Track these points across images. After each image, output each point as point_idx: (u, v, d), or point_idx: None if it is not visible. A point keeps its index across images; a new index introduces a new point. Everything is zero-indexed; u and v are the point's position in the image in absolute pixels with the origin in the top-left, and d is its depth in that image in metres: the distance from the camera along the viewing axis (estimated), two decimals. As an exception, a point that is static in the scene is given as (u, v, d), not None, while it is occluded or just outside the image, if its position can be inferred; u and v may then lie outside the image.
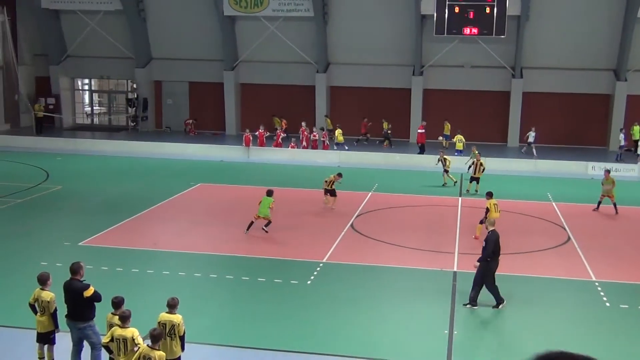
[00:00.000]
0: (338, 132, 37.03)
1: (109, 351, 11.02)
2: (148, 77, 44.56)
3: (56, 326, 12.09)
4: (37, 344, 12.18)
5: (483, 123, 41.11)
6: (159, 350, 10.46)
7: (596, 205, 25.53)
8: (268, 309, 15.30)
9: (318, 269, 18.05)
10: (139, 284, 16.69)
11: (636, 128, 37.60)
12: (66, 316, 11.98)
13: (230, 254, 19.42)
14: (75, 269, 12.08)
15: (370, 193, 27.61)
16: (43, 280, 12.10)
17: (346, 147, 36.73)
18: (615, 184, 25.20)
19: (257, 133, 37.14)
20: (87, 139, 40.14)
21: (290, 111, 42.00)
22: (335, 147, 35.84)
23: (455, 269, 18.25)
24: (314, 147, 36.98)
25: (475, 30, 38.29)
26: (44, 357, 12.21)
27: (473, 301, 15.35)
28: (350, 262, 18.76)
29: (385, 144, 39.02)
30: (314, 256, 19.12)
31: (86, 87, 48.65)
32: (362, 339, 13.85)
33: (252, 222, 21.37)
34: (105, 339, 10.96)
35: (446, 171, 29.24)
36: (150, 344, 10.48)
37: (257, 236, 21.26)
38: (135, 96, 44.64)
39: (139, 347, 10.61)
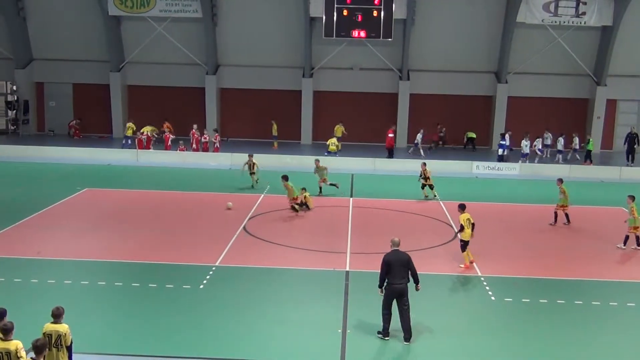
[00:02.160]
0: (331, 140, 36.70)
1: None
2: (29, 78, 42.83)
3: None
4: None
5: (373, 124, 41.89)
6: (43, 360, 10.06)
7: (553, 219, 24.05)
8: (160, 315, 14.97)
9: (211, 272, 17.83)
10: (22, 295, 15.94)
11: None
12: None
13: (120, 260, 18.88)
14: None
15: (263, 195, 27.56)
16: None
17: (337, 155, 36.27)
18: (567, 194, 23.88)
19: (142, 136, 36.59)
20: (-37, 144, 38.14)
21: (180, 113, 41.40)
22: (325, 154, 35.38)
23: (347, 269, 18.47)
24: (205, 149, 36.58)
25: (363, 33, 38.98)
26: None
27: (383, 333, 14.14)
28: (243, 265, 18.64)
29: (274, 145, 39.27)
30: (206, 260, 18.88)
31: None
32: (256, 341, 13.78)
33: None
34: None
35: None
36: (34, 356, 10.04)
37: (148, 241, 20.80)
38: (15, 98, 42.73)
39: None
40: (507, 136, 36.91)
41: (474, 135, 41.30)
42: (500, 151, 36.24)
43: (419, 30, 40.27)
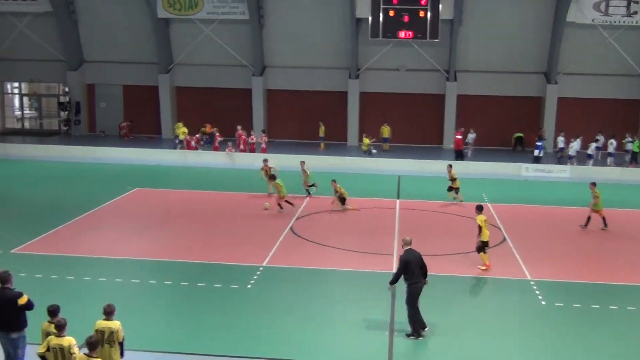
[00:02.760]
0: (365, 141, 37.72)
1: None
2: (80, 80, 43.66)
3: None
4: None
5: (419, 125, 41.68)
6: (97, 357, 10.25)
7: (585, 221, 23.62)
8: (208, 314, 15.14)
9: (258, 272, 17.96)
10: (75, 292, 16.29)
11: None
12: None
13: (169, 259, 19.14)
14: (5, 278, 11.71)
15: (309, 197, 27.63)
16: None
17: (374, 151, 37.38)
18: (599, 197, 23.39)
19: (191, 137, 37.07)
20: (17, 144, 39.02)
21: (227, 114, 41.75)
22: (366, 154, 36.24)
23: (394, 271, 18.39)
24: (252, 150, 36.83)
25: (409, 34, 38.79)
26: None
27: (413, 334, 14.16)
28: (290, 266, 18.73)
29: (321, 146, 39.37)
30: (253, 260, 19.02)
31: (16, 91, 47.31)
32: (303, 342, 13.83)
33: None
34: (41, 349, 10.65)
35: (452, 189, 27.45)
36: (87, 352, 10.25)
37: (197, 241, 21.05)
38: (67, 100, 43.65)
39: (75, 357, 10.38)
40: (546, 137, 36.61)
41: (522, 135, 40.80)
42: (536, 152, 35.80)
43: (466, 30, 39.92)
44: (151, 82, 42.94)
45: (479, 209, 18.88)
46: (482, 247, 18.63)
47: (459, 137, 37.17)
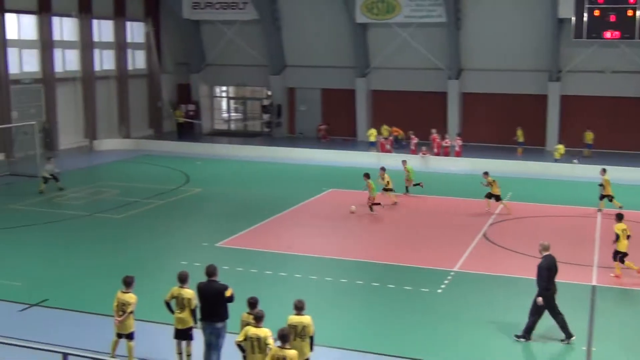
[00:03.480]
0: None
1: (242, 350, 11.35)
2: (282, 84, 45.65)
3: (195, 322, 12.60)
4: (175, 340, 12.70)
5: (625, 131, 39.23)
6: (290, 349, 10.68)
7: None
8: (397, 316, 15.30)
9: (449, 277, 17.85)
10: (271, 286, 17.10)
11: None
12: (203, 318, 12.34)
13: (361, 259, 19.56)
14: (212, 271, 12.50)
15: (504, 201, 26.96)
16: (183, 279, 12.60)
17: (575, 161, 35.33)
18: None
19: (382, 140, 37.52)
20: (224, 144, 41.56)
21: (421, 118, 41.74)
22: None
23: (593, 283, 17.54)
24: (446, 154, 36.58)
25: (616, 34, 36.68)
26: (181, 353, 12.73)
27: (524, 336, 14.02)
28: (482, 272, 18.42)
29: (519, 151, 38.13)
30: (445, 264, 18.92)
31: (224, 94, 50.47)
32: (492, 352, 13.56)
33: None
34: (239, 338, 11.26)
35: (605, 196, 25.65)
36: (279, 344, 10.68)
37: (388, 242, 21.31)
38: (270, 103, 45.85)
39: (269, 347, 10.86)
40: None
41: None
42: None
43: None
44: (348, 86, 43.96)
45: (619, 217, 18.09)
46: (617, 255, 17.76)
47: None
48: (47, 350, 10.19)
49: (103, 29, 42.06)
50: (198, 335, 12.56)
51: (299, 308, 11.58)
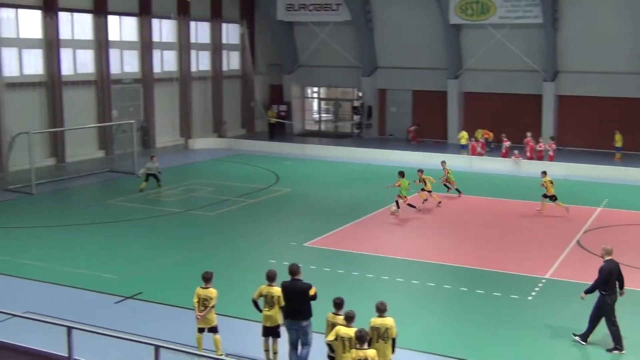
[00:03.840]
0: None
1: (332, 349, 11.44)
2: (373, 85, 45.66)
3: (281, 320, 12.77)
4: (263, 338, 12.91)
5: None
6: (368, 349, 10.67)
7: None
8: (484, 322, 15.07)
9: (540, 284, 17.43)
10: (358, 287, 17.13)
11: None
12: (288, 316, 12.50)
13: (449, 263, 19.35)
14: (296, 270, 12.64)
15: (599, 209, 26.15)
16: (272, 277, 12.80)
17: None
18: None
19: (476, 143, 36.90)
20: (314, 145, 41.91)
21: (514, 121, 40.90)
22: None
23: None
24: (539, 158, 35.70)
25: None
26: (268, 350, 12.93)
27: (583, 337, 13.94)
28: (575, 280, 17.87)
29: (617, 156, 36.83)
30: (536, 271, 18.48)
31: (315, 95, 50.89)
32: (586, 361, 13.19)
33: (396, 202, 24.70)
34: (330, 337, 11.35)
35: None
36: (358, 345, 10.71)
37: (477, 247, 21.01)
38: (361, 104, 45.93)
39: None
40: None
41: None
42: None
43: None
44: (440, 88, 43.56)
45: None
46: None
47: None
48: (140, 342, 10.53)
49: (200, 31, 43.17)
50: (284, 333, 12.73)
51: (381, 310, 11.60)
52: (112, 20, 36.72)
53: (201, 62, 43.54)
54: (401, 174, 25.13)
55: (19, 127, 29.97)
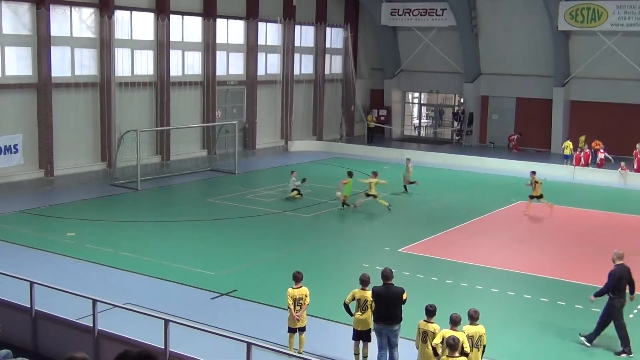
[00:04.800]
0: None
1: (435, 354, 11.41)
2: (475, 92, 44.99)
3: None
4: (353, 341, 12.98)
5: None
6: (458, 357, 10.61)
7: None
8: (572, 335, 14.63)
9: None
10: (451, 295, 16.96)
11: None
12: (380, 320, 12.51)
13: (547, 276, 18.87)
14: (390, 275, 12.67)
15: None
16: (366, 281, 12.84)
17: None
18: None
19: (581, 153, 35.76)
20: (413, 150, 41.62)
21: (622, 131, 39.37)
22: None
23: None
24: (648, 171, 34.28)
25: None
26: (358, 354, 13.00)
27: (589, 339, 14.24)
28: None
29: None
30: (638, 287, 17.74)
31: (415, 101, 50.61)
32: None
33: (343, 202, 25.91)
34: (436, 340, 11.32)
35: None
36: (449, 352, 10.64)
37: (576, 260, 20.38)
38: (462, 110, 45.35)
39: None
40: None
41: None
42: None
43: None
44: (545, 95, 42.45)
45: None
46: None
47: None
48: (233, 339, 10.81)
49: (304, 34, 43.74)
50: (374, 337, 12.77)
51: (474, 318, 11.54)
52: (220, 24, 37.68)
53: (304, 65, 44.09)
54: (349, 174, 26.55)
55: (128, 125, 31.20)
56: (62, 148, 29.83)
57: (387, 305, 12.46)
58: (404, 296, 12.48)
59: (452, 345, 10.56)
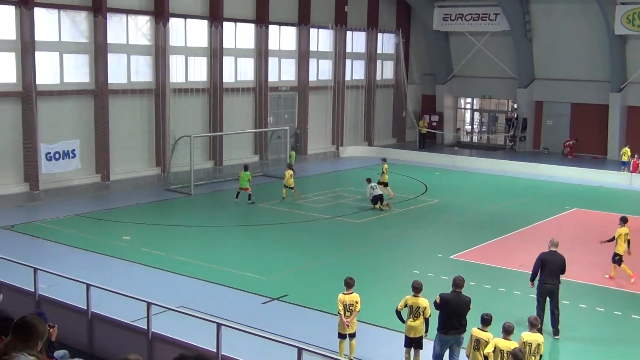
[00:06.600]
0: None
1: None
2: (529, 97, 44.36)
3: (426, 331, 12.72)
4: (405, 348, 12.91)
5: None
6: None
7: None
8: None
9: (703, 314, 16.29)
10: (504, 303, 16.74)
11: None
12: (446, 329, 12.33)
13: (603, 285, 18.48)
14: (461, 283, 12.50)
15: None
16: (418, 288, 12.74)
17: None
18: None
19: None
20: (465, 156, 41.29)
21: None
22: None
23: None
24: None
25: None
26: (409, 361, 12.94)
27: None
28: None
29: None
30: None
31: (468, 106, 50.14)
32: None
33: (238, 193, 27.66)
34: (488, 349, 11.20)
35: None
36: (510, 360, 10.57)
37: (636, 269, 19.89)
38: (515, 116, 44.76)
39: None
40: None
41: None
42: None
43: None
44: (601, 101, 41.61)
45: (622, 220, 18.68)
46: (614, 257, 18.46)
47: None
48: (284, 343, 10.86)
49: (355, 40, 43.75)
50: (426, 344, 12.68)
51: (534, 325, 11.49)
52: (272, 30, 37.96)
53: (355, 71, 44.09)
54: (245, 168, 28.08)
55: (182, 130, 31.65)
56: (118, 153, 30.43)
57: (457, 314, 12.29)
58: (470, 304, 12.39)
59: (516, 356, 10.37)
